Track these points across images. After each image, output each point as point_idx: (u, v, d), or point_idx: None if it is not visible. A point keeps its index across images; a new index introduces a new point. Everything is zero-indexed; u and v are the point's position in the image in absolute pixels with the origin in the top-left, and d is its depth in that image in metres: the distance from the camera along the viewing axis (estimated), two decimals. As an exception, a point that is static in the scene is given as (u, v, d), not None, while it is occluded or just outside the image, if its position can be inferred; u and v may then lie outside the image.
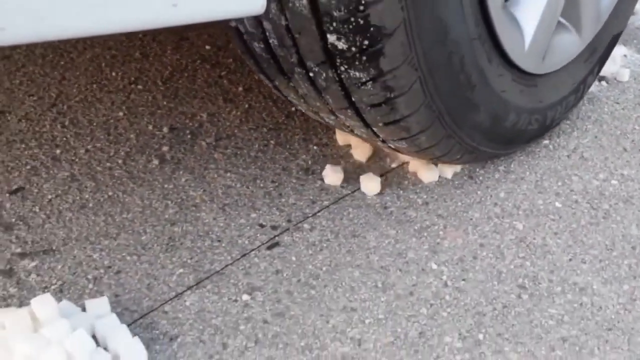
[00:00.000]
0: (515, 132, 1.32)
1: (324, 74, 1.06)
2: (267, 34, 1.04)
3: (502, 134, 1.30)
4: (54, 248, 1.20)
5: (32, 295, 1.11)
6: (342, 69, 1.03)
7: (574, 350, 1.07)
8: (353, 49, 0.99)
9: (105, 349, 1.02)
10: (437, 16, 1.04)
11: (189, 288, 1.14)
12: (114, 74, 1.65)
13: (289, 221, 1.27)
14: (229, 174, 1.36)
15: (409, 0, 0.98)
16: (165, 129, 1.47)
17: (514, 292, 1.16)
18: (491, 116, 1.25)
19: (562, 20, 1.32)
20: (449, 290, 1.16)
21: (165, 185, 1.33)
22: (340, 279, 1.17)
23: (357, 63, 1.01)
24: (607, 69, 1.66)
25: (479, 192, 1.34)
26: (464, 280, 1.17)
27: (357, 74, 1.04)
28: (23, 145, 1.42)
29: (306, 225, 1.26)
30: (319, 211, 1.29)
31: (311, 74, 1.07)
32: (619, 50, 1.71)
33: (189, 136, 1.46)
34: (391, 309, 1.12)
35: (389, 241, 1.24)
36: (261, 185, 1.34)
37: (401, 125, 1.14)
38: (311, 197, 1.32)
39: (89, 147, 1.42)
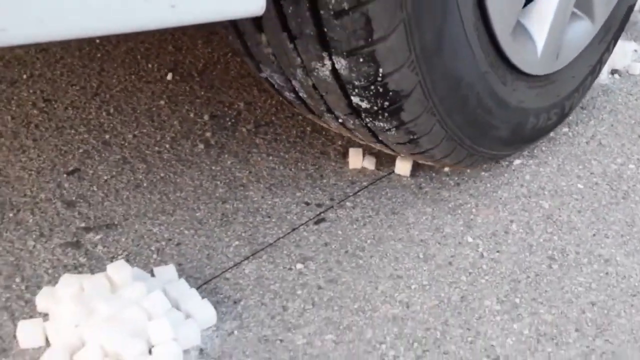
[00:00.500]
0: (535, 132, 1.46)
1: (352, 121, 1.22)
2: (296, 89, 1.18)
3: (523, 137, 1.43)
4: (115, 223, 1.33)
5: (101, 264, 1.24)
6: (368, 120, 1.19)
7: (603, 312, 1.21)
8: (375, 107, 1.15)
9: (177, 310, 1.14)
10: (450, 71, 1.18)
11: (246, 258, 1.27)
12: (150, 65, 1.78)
13: (331, 199, 1.40)
14: (271, 157, 1.50)
15: (423, 67, 1.12)
16: (206, 117, 1.60)
17: (544, 263, 1.29)
18: (511, 128, 1.38)
19: (574, 10, 1.40)
20: (485, 260, 1.29)
21: (213, 167, 1.46)
22: (385, 250, 1.30)
23: (380, 117, 1.17)
24: (620, 63, 1.81)
25: (506, 175, 1.48)
26: (498, 252, 1.31)
27: (381, 124, 1.20)
28: (73, 131, 1.55)
29: (348, 203, 1.40)
30: (358, 191, 1.42)
31: (340, 120, 1.23)
32: (629, 46, 1.86)
33: (229, 123, 1.59)
34: (433, 276, 1.26)
35: (426, 217, 1.38)
36: (302, 167, 1.48)
37: (426, 155, 1.30)
38: (350, 179, 1.45)
39: (135, 132, 1.55)
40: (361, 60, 1.06)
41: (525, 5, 1.30)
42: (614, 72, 1.79)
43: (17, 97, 1.65)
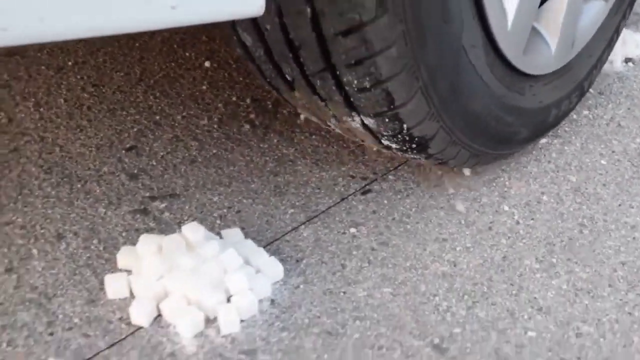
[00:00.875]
0: (558, 119, 1.62)
1: (386, 150, 1.41)
2: (332, 127, 1.38)
3: (546, 127, 1.59)
4: (177, 193, 1.49)
5: (170, 229, 1.39)
6: (400, 153, 1.37)
7: (633, 271, 1.38)
8: (404, 147, 1.33)
9: (249, 265, 1.30)
10: (469, 110, 1.35)
11: (302, 224, 1.43)
12: (187, 54, 1.94)
13: (374, 173, 1.57)
14: (314, 136, 1.66)
15: (443, 115, 1.30)
16: (248, 100, 1.76)
17: (576, 229, 1.47)
18: (534, 126, 1.54)
19: None
20: (521, 226, 1.46)
21: (261, 145, 1.62)
22: (429, 217, 1.47)
23: (409, 152, 1.35)
24: (633, 52, 2.00)
25: (534, 152, 1.65)
26: (532, 219, 1.48)
27: (412, 155, 1.38)
28: (124, 112, 1.71)
29: (391, 177, 1.56)
30: (399, 165, 1.59)
31: (375, 148, 1.43)
32: (641, 37, 2.05)
33: (270, 106, 1.75)
34: (476, 240, 1.42)
35: (464, 189, 1.54)
36: (344, 145, 1.64)
37: (456, 168, 1.49)
38: (389, 155, 1.62)
39: (183, 114, 1.71)
40: (387, 120, 1.25)
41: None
42: (627, 60, 1.98)
43: (65, 82, 1.80)
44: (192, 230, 1.29)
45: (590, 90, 1.85)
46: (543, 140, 1.67)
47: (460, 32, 1.23)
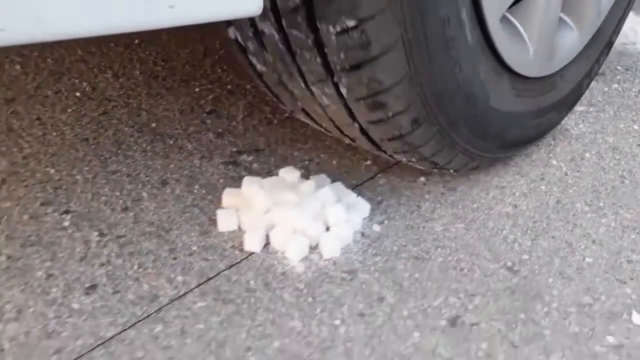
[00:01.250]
0: (588, 85, 1.86)
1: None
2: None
3: (579, 98, 1.84)
4: (261, 148, 1.75)
5: (260, 176, 1.65)
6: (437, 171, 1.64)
7: (670, 213, 1.66)
8: (443, 171, 1.60)
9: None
10: (509, 140, 1.58)
11: (377, 174, 1.69)
12: (243, 34, 2.20)
13: (433, 134, 1.83)
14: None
15: (483, 155, 1.57)
16: (308, 73, 2.03)
17: (617, 180, 1.74)
18: (569, 104, 1.78)
19: None
20: (569, 177, 1.74)
21: (328, 110, 1.89)
22: (487, 169, 1.74)
23: (437, 167, 1.59)
24: (653, 35, 2.29)
25: (572, 117, 1.93)
26: (578, 172, 1.76)
27: (446, 170, 1.62)
28: (197, 82, 1.96)
29: (448, 137, 1.83)
30: (454, 128, 1.86)
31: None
32: (659, 21, 2.35)
33: (329, 78, 2.01)
34: (531, 187, 1.70)
35: (515, 148, 1.82)
36: (402, 111, 1.91)
37: None
38: (444, 120, 1.89)
39: (252, 84, 1.97)
40: (435, 170, 1.54)
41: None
42: (648, 42, 2.27)
43: (136, 57, 2.05)
44: (289, 173, 1.55)
45: (618, 67, 2.14)
46: (580, 108, 1.95)
47: (487, 100, 1.43)
